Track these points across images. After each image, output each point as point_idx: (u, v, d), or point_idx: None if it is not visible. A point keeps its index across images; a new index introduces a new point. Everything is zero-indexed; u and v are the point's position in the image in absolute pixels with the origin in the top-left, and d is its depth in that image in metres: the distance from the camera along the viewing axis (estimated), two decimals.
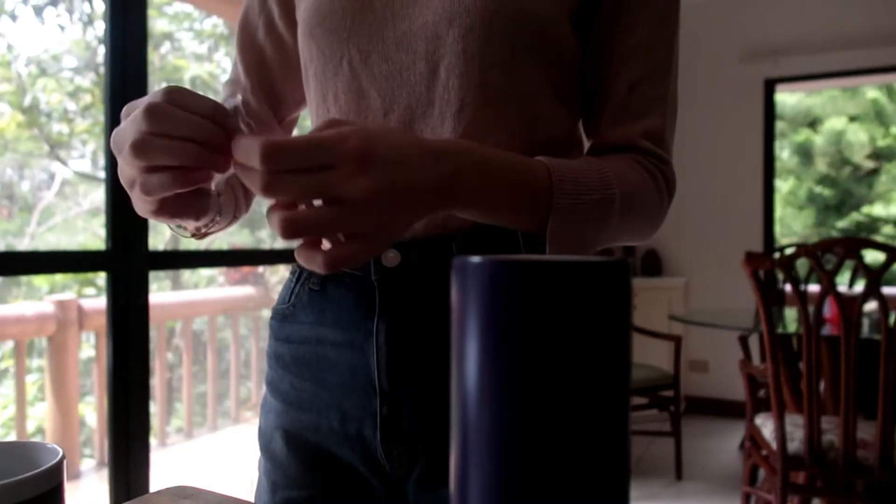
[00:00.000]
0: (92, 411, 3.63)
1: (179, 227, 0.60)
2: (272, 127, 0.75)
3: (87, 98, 4.82)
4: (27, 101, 4.60)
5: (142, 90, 1.59)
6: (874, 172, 6.81)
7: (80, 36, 4.96)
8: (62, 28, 4.78)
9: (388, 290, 0.62)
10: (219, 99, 0.59)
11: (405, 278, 0.62)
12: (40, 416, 3.71)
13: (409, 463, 0.62)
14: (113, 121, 1.57)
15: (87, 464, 3.33)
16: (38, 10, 4.53)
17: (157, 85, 4.97)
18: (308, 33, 0.66)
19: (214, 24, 5.48)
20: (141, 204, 0.49)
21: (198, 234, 0.62)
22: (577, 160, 0.60)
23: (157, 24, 4.91)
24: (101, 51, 4.91)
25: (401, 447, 0.62)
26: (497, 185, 0.52)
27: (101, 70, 4.92)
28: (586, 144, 0.70)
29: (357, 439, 0.63)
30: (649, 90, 0.64)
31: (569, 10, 0.63)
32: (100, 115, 4.73)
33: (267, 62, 0.77)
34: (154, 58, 5.10)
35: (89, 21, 4.84)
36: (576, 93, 0.67)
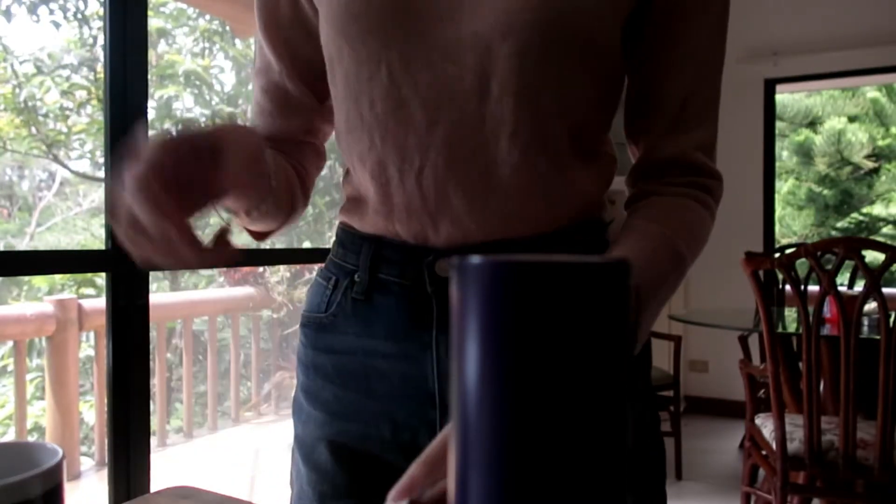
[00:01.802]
0: (89, 408, 3.62)
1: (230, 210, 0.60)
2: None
3: (84, 95, 4.82)
4: (22, 98, 4.60)
5: (142, 89, 1.59)
6: (874, 172, 6.81)
7: (75, 33, 4.96)
8: (57, 26, 4.78)
9: (445, 300, 0.61)
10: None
11: None
12: (38, 414, 3.71)
13: None
14: (113, 120, 1.57)
15: (86, 464, 3.33)
16: (33, 8, 4.53)
17: (154, 80, 4.97)
18: (338, 31, 0.61)
19: (209, 20, 5.49)
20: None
21: (247, 221, 0.62)
22: (652, 247, 0.58)
23: (152, 21, 4.91)
24: (97, 48, 4.92)
25: None
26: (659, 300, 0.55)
27: (97, 67, 4.92)
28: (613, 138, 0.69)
29: (411, 447, 0.62)
30: (701, 100, 0.63)
31: (622, 21, 0.61)
32: (97, 114, 4.73)
33: (297, 40, 0.71)
34: (151, 55, 5.09)
35: (84, 18, 4.84)
36: (615, 101, 0.66)
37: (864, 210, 6.84)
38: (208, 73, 5.72)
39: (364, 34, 0.59)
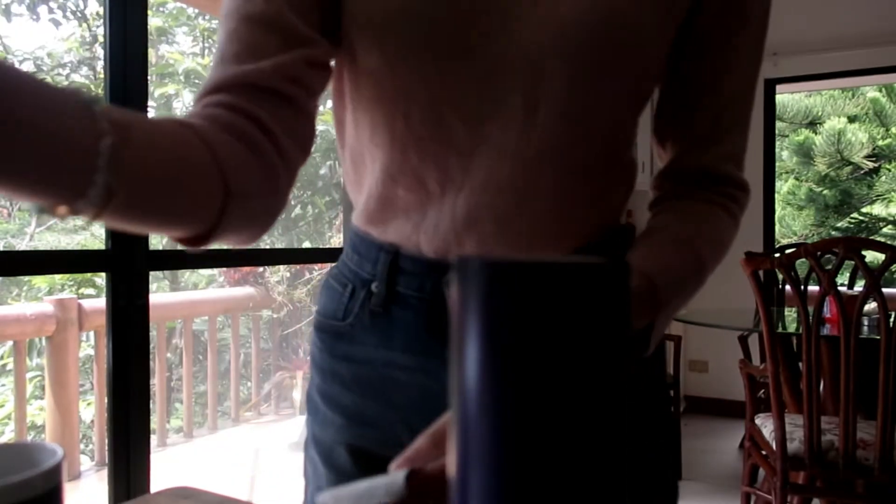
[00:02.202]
0: (86, 406, 3.62)
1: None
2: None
3: None
4: None
5: (142, 88, 1.59)
6: (874, 172, 6.81)
7: (75, 32, 4.96)
8: (56, 24, 4.78)
9: None
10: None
11: None
12: (35, 413, 3.71)
13: None
14: None
15: (86, 464, 3.33)
16: (32, 7, 4.53)
17: (154, 78, 4.96)
18: (373, 34, 0.55)
19: (208, 19, 5.49)
20: None
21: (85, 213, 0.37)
22: (674, 251, 0.58)
23: (152, 20, 4.91)
24: (96, 46, 4.92)
25: None
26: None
27: (97, 66, 4.92)
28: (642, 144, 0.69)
29: None
30: (736, 112, 0.63)
31: (673, 36, 0.59)
32: None
33: None
34: (150, 54, 5.09)
35: (83, 17, 4.83)
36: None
37: (864, 210, 6.84)
38: (207, 70, 5.71)
39: (400, 40, 0.54)
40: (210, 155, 0.45)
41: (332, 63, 0.60)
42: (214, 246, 0.50)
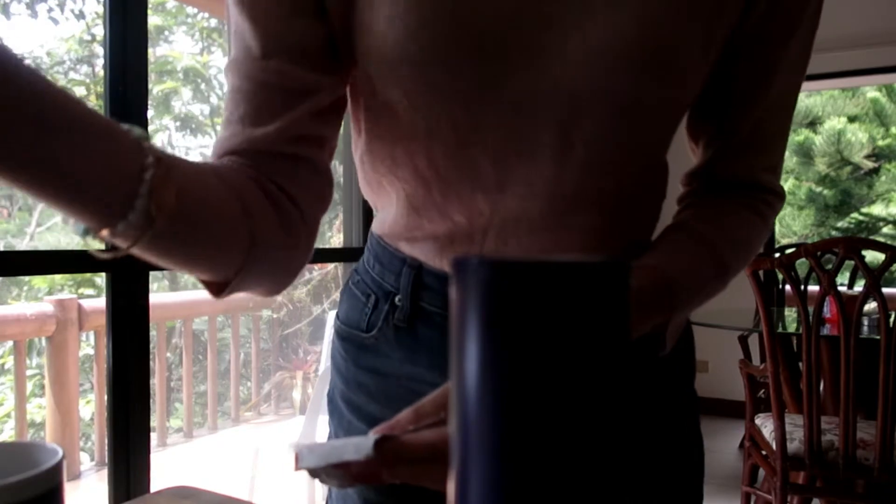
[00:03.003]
0: (85, 404, 3.63)
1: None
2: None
3: (82, 92, 4.81)
4: None
5: (142, 87, 1.59)
6: (874, 172, 6.81)
7: (73, 30, 4.96)
8: (55, 22, 4.78)
9: None
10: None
11: None
12: (35, 411, 3.71)
13: None
14: (113, 117, 1.57)
15: (86, 464, 3.33)
16: (30, 5, 4.53)
17: (153, 76, 4.96)
18: (389, 70, 0.50)
19: (206, 17, 5.49)
20: None
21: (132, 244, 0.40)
22: (696, 251, 0.56)
23: (151, 19, 4.91)
24: (95, 45, 4.92)
25: None
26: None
27: (95, 64, 4.92)
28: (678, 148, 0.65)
29: None
30: (777, 122, 0.62)
31: (716, 51, 0.55)
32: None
33: (296, 21, 0.52)
34: (149, 53, 5.09)
35: (81, 15, 4.83)
36: None
37: (864, 210, 6.84)
38: (206, 68, 5.73)
39: (422, 83, 0.50)
40: (240, 204, 0.47)
41: (347, 90, 0.58)
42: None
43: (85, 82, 4.91)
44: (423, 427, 0.40)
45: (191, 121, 5.88)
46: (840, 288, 1.93)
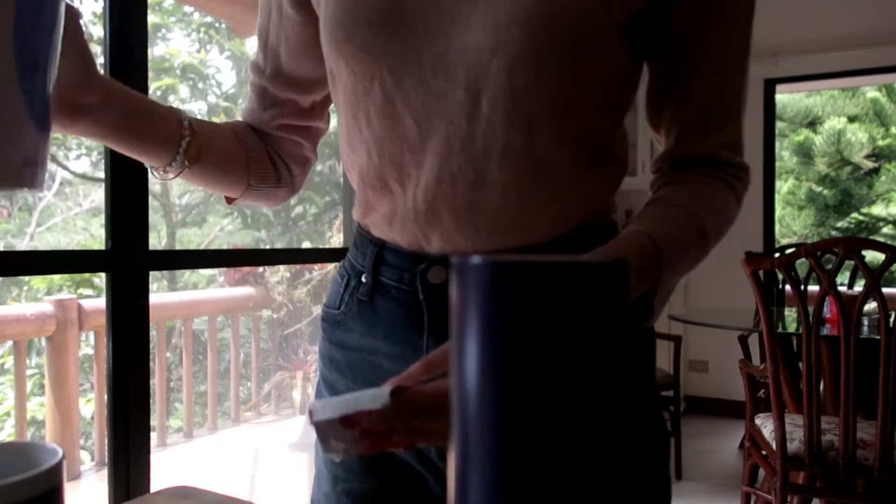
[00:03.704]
0: (85, 403, 3.63)
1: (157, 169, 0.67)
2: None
3: None
4: None
5: (142, 86, 1.59)
6: (874, 172, 6.81)
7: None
8: None
9: (436, 307, 0.62)
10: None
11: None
12: (35, 410, 3.71)
13: None
14: None
15: (86, 463, 3.33)
16: None
17: (151, 74, 4.95)
18: (335, 48, 0.62)
19: (204, 15, 5.49)
20: None
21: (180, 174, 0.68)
22: (676, 215, 0.60)
23: (149, 17, 4.91)
24: (92, 44, 4.91)
25: None
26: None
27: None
28: (640, 140, 0.70)
29: None
30: (730, 97, 0.64)
31: (623, 22, 0.59)
32: None
33: (281, 52, 0.75)
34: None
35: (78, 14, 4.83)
36: (625, 104, 0.65)
37: (864, 210, 6.84)
38: (204, 65, 5.72)
39: (357, 51, 0.60)
40: (245, 155, 0.75)
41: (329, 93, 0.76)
42: (214, 246, 0.57)
43: None
44: (436, 378, 0.42)
45: None
46: (840, 288, 1.93)
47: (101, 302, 3.23)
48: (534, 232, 0.61)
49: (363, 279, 0.67)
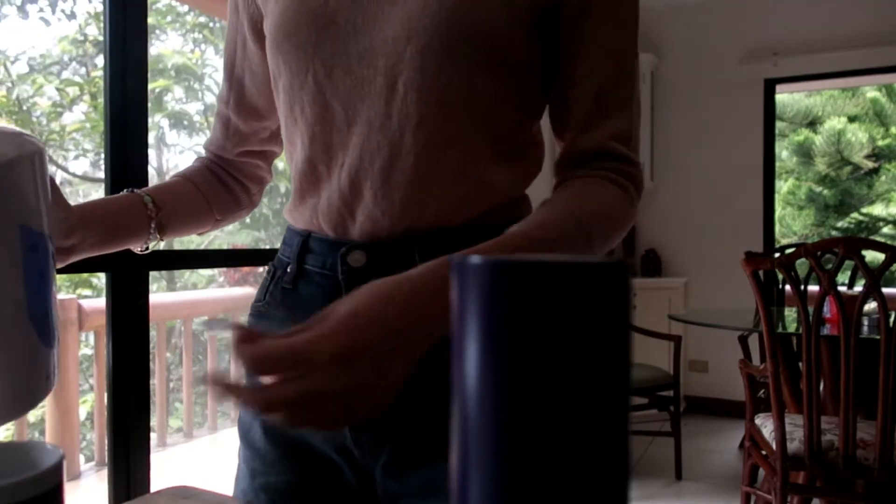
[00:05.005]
0: (82, 404, 3.62)
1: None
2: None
3: (76, 92, 4.80)
4: (14, 97, 4.59)
5: (142, 87, 1.59)
6: (874, 172, 6.81)
7: (66, 30, 4.95)
8: (46, 23, 4.77)
9: (354, 288, 0.63)
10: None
11: (371, 279, 0.61)
12: (34, 410, 3.70)
13: (376, 450, 0.67)
14: (113, 117, 1.57)
15: (86, 464, 3.33)
16: (22, 6, 4.52)
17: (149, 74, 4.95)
18: (275, 48, 0.69)
19: (197, 14, 5.49)
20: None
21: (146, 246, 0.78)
22: (558, 218, 0.60)
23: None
24: (87, 45, 4.91)
25: (368, 435, 0.66)
26: None
27: (87, 63, 4.91)
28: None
29: None
30: (616, 92, 0.66)
31: (526, 23, 0.65)
32: (91, 112, 4.72)
33: (244, 81, 0.82)
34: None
35: (72, 15, 4.83)
36: (537, 98, 0.70)
37: (864, 210, 6.85)
38: (198, 66, 5.72)
39: (295, 49, 0.67)
40: (204, 197, 0.85)
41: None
42: (214, 246, 0.58)
43: (78, 83, 4.91)
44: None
45: (183, 118, 5.88)
46: (840, 288, 1.93)
47: (100, 302, 3.23)
48: (443, 212, 0.65)
49: (288, 269, 0.72)
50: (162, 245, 0.82)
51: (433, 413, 0.65)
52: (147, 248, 0.78)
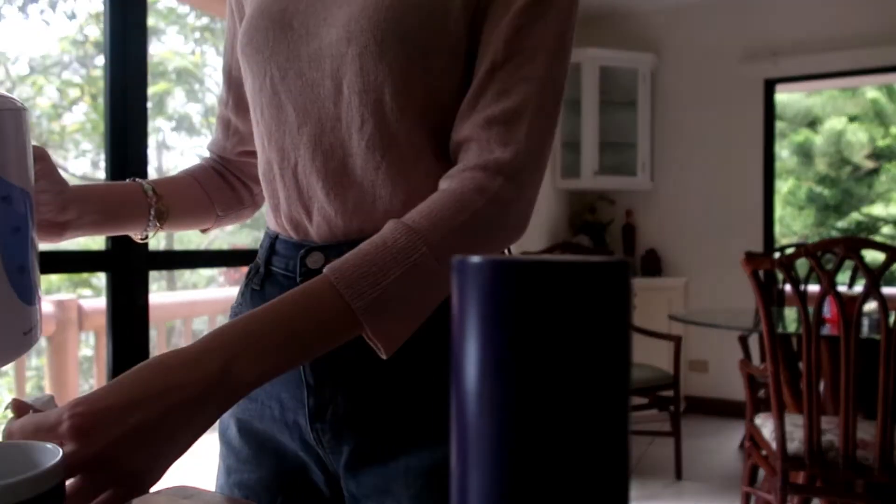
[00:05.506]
0: None
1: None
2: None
3: (77, 94, 4.80)
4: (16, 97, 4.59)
5: (141, 88, 1.59)
6: (874, 172, 6.81)
7: (66, 31, 4.95)
8: (46, 23, 4.77)
9: None
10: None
11: None
12: None
13: (337, 447, 0.68)
14: (113, 117, 1.57)
15: None
16: (22, 7, 4.52)
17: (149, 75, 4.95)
18: (241, 52, 0.72)
19: (198, 16, 5.49)
20: None
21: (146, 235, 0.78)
22: (371, 243, 0.57)
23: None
24: (87, 45, 4.91)
25: (329, 433, 0.67)
26: (277, 344, 0.51)
27: (88, 63, 4.91)
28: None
29: (294, 426, 0.70)
30: (508, 75, 0.63)
31: (460, 24, 0.65)
32: (91, 113, 4.72)
33: (238, 77, 0.83)
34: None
35: (73, 15, 4.83)
36: None
37: (864, 210, 6.85)
38: (198, 68, 5.72)
39: (255, 52, 0.69)
40: (206, 194, 0.85)
41: None
42: (214, 247, 0.57)
43: (79, 83, 4.91)
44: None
45: (185, 120, 5.88)
46: (840, 288, 1.93)
47: (100, 302, 3.23)
48: (392, 211, 0.65)
49: (259, 270, 0.74)
50: (162, 242, 0.82)
51: (388, 412, 0.66)
52: (146, 237, 0.78)
